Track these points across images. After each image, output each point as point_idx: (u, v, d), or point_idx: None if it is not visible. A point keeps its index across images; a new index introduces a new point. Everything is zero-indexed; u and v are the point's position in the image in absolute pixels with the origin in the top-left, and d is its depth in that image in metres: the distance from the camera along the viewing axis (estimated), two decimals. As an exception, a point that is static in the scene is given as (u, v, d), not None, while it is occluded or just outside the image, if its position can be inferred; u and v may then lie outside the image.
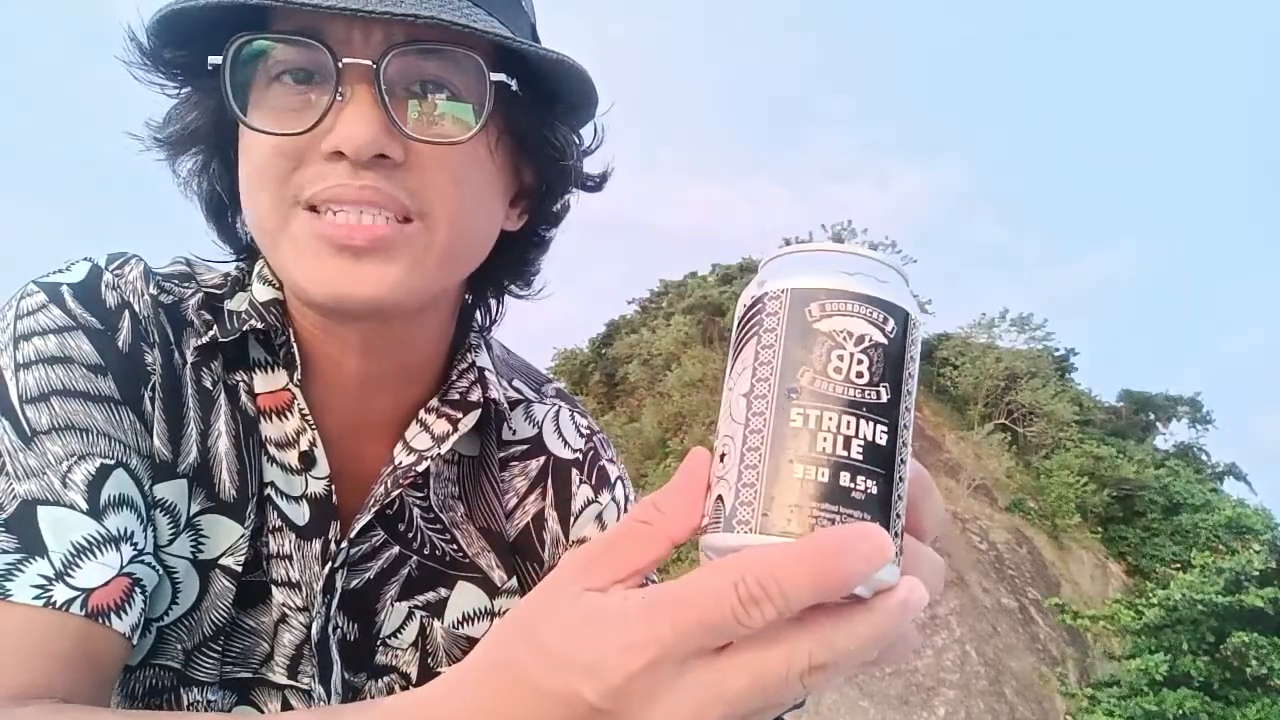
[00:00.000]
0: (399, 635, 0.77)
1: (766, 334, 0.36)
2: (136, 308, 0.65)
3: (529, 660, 0.34)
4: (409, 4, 0.56)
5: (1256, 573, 14.97)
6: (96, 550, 0.56)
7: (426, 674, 0.77)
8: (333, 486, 0.71)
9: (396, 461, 0.72)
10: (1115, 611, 17.17)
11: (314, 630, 0.71)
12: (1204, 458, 36.57)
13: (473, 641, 0.78)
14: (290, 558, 0.70)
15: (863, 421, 0.34)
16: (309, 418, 0.70)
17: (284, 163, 0.60)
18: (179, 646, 0.67)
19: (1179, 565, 21.89)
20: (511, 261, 0.76)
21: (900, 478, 0.35)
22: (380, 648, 0.76)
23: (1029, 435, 30.83)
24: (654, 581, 0.80)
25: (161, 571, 0.64)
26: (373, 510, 0.71)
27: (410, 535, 0.77)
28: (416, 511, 0.77)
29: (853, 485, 0.33)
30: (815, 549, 0.31)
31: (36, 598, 0.53)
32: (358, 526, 0.71)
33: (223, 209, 0.72)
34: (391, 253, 0.60)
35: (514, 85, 0.62)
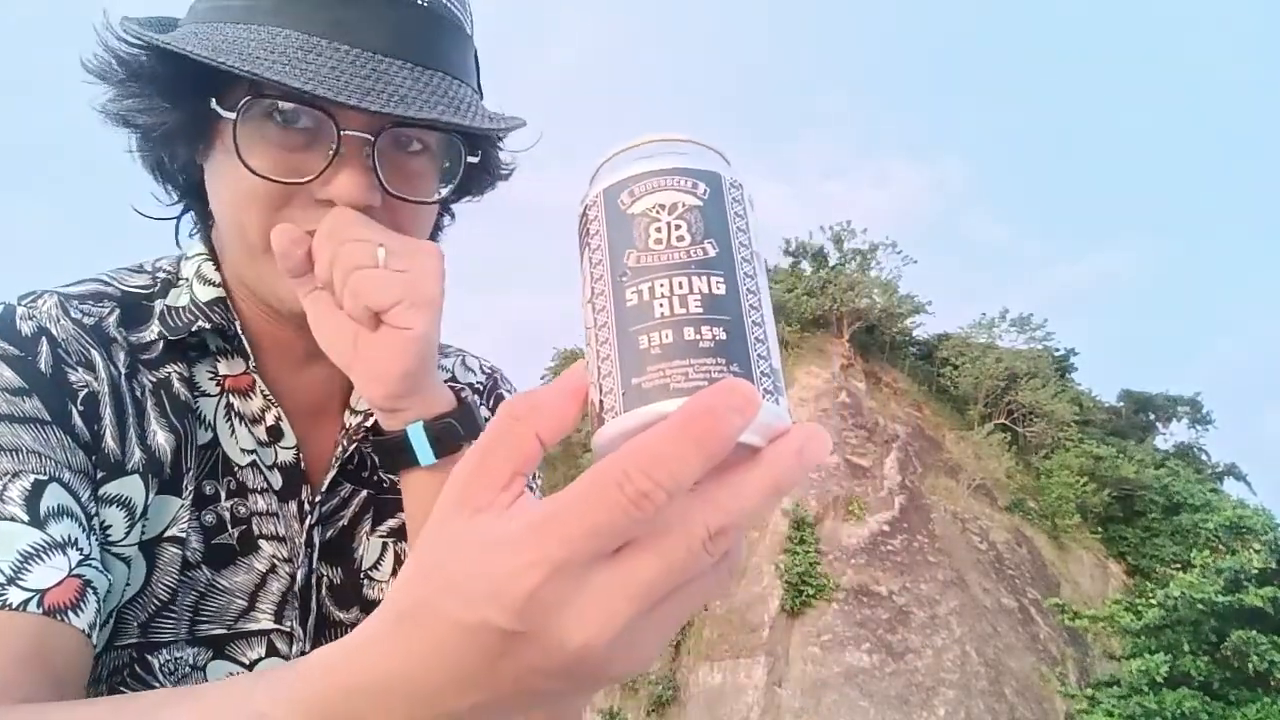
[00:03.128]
0: (379, 567, 0.85)
1: (593, 238, 0.37)
2: (54, 331, 0.69)
3: (439, 598, 0.34)
4: (411, 101, 0.65)
5: (1256, 572, 14.99)
6: (44, 555, 0.58)
7: None
8: (300, 454, 0.80)
9: (347, 424, 0.82)
10: (1115, 612, 17.19)
11: (298, 578, 0.79)
12: (1204, 458, 36.60)
13: None
14: (277, 515, 0.79)
15: (694, 278, 0.34)
16: (270, 396, 0.78)
17: (273, 199, 0.68)
18: (135, 624, 0.70)
19: (1179, 565, 21.91)
20: None
21: (753, 322, 0.35)
22: (366, 582, 0.84)
23: (1029, 435, 30.84)
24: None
25: (111, 574, 0.66)
26: (335, 468, 0.81)
27: (371, 477, 0.86)
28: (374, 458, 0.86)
29: (699, 336, 0.33)
30: (686, 419, 0.30)
31: None
32: (325, 483, 0.81)
33: (163, 166, 0.77)
34: None
35: (477, 161, 0.76)
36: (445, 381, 0.90)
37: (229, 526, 0.76)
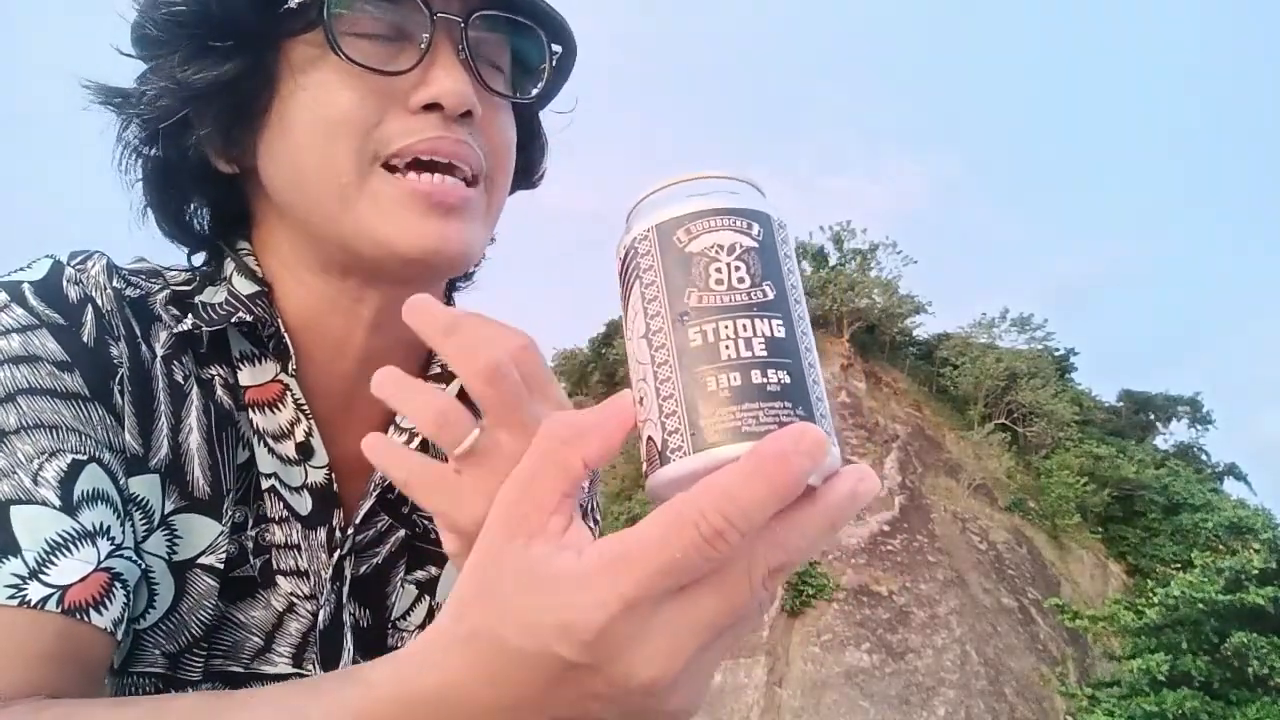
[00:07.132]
0: (408, 617, 0.78)
1: (646, 273, 0.38)
2: (99, 301, 0.64)
3: (501, 625, 0.34)
4: None
5: (1257, 572, 14.98)
6: (71, 546, 0.55)
7: None
8: (332, 475, 0.71)
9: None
10: (1115, 612, 17.19)
11: (321, 617, 0.71)
12: (1204, 458, 36.60)
13: None
14: (299, 547, 0.71)
15: (757, 320, 0.35)
16: (304, 407, 0.69)
17: (368, 115, 0.61)
18: (158, 651, 0.65)
19: (1179, 565, 21.88)
20: None
21: (809, 364, 0.36)
22: (391, 631, 0.77)
23: (1029, 435, 30.82)
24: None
25: (142, 567, 0.62)
26: (374, 495, 0.72)
27: (411, 515, 0.77)
28: None
29: (766, 380, 0.34)
30: (760, 461, 0.31)
31: (10, 597, 0.52)
32: (361, 513, 0.72)
33: (180, 185, 0.71)
34: (470, 213, 0.64)
35: (559, 55, 0.68)
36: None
37: (250, 557, 0.69)
